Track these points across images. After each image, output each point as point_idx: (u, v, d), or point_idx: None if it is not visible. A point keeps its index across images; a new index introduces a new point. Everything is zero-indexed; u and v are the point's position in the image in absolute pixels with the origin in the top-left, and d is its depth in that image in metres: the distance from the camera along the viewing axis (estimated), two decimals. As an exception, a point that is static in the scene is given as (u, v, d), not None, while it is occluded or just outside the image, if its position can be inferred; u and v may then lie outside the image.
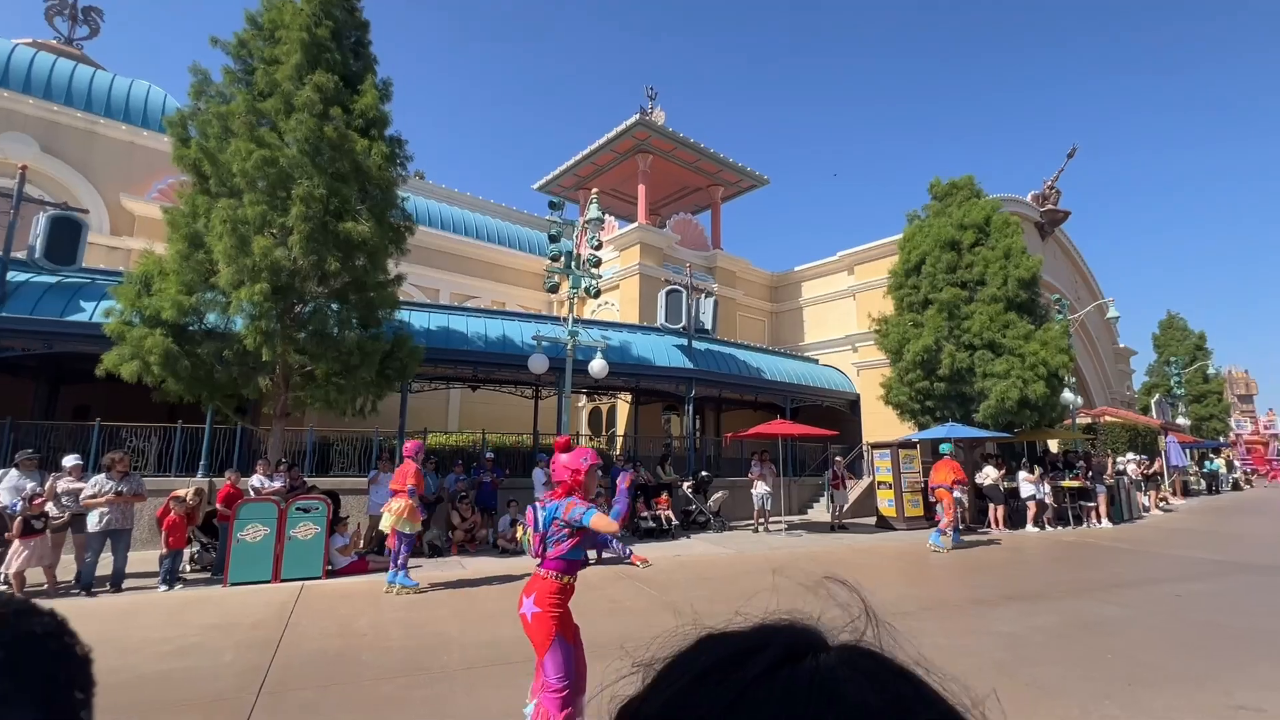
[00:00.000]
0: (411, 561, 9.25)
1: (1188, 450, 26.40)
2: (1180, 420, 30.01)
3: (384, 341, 9.74)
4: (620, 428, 21.06)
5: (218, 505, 8.67)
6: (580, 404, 23.58)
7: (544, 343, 12.33)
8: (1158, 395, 31.90)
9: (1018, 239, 15.59)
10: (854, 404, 20.38)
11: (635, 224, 21.47)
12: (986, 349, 14.73)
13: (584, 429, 23.11)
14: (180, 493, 8.31)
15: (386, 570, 8.57)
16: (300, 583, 7.90)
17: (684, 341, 16.10)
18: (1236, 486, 31.89)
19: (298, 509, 8.37)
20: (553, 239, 12.03)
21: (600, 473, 3.88)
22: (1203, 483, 28.13)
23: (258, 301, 8.19)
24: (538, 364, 11.84)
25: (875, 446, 15.68)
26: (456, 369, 14.20)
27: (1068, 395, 16.18)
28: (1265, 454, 46.75)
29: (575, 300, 12.64)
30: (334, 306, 9.41)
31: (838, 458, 15.26)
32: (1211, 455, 31.60)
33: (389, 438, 13.12)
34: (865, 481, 16.76)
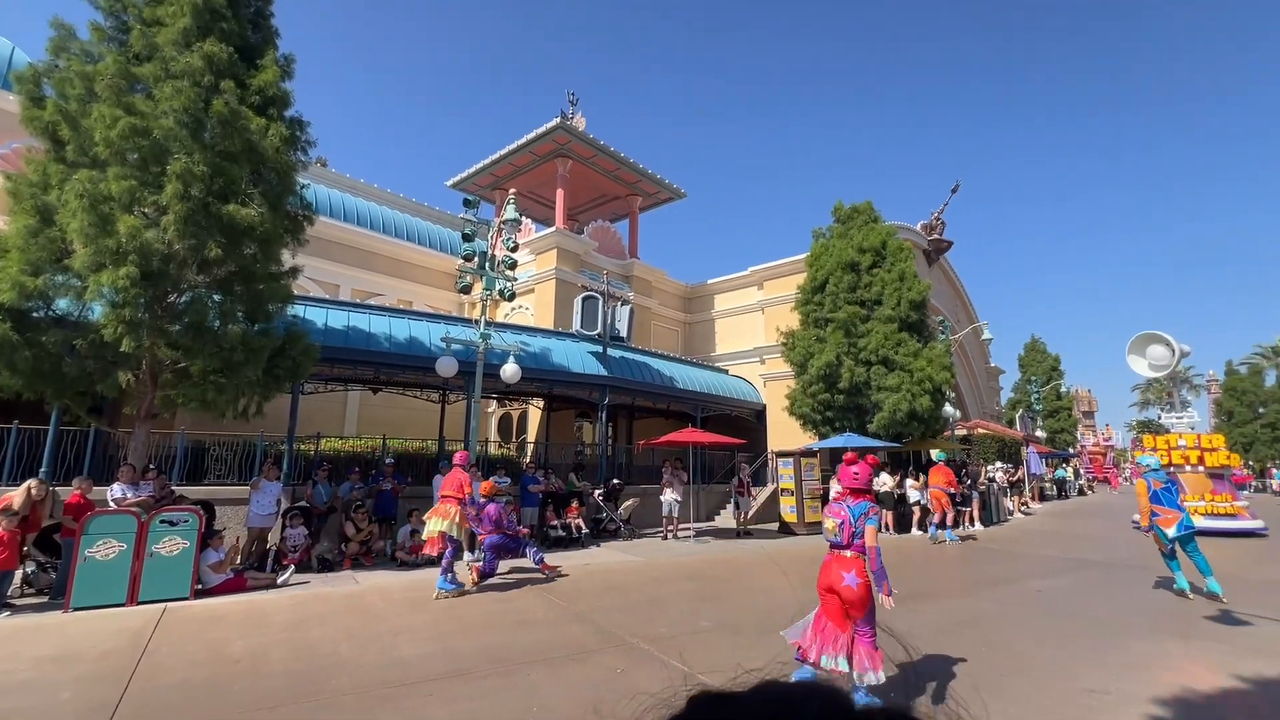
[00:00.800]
0: (297, 578, 8.54)
1: (1044, 460, 29.60)
2: (1039, 433, 33.61)
3: (274, 338, 8.95)
4: (531, 434, 20.63)
5: (61, 519, 7.57)
6: (490, 409, 22.90)
7: (454, 345, 11.85)
8: (1021, 410, 35.64)
9: (910, 264, 16.88)
10: (760, 414, 21.17)
11: (553, 228, 21.23)
12: (881, 365, 15.79)
13: (493, 435, 22.45)
14: (9, 499, 7.12)
15: (266, 588, 7.87)
16: (162, 605, 7.04)
17: (599, 349, 16.05)
18: (1081, 492, 36.10)
19: (162, 522, 7.47)
20: (466, 238, 11.61)
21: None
22: (1055, 488, 31.61)
23: (122, 287, 7.23)
24: (446, 366, 11.35)
25: (779, 455, 16.32)
26: (357, 370, 13.34)
27: (948, 409, 17.63)
28: (1103, 463, 53.42)
29: (488, 302, 12.27)
30: (216, 297, 8.54)
31: (744, 465, 15.74)
32: (1062, 464, 35.67)
33: (276, 442, 12.08)
34: (769, 489, 17.40)
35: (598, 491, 14.05)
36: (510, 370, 12.23)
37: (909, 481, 15.54)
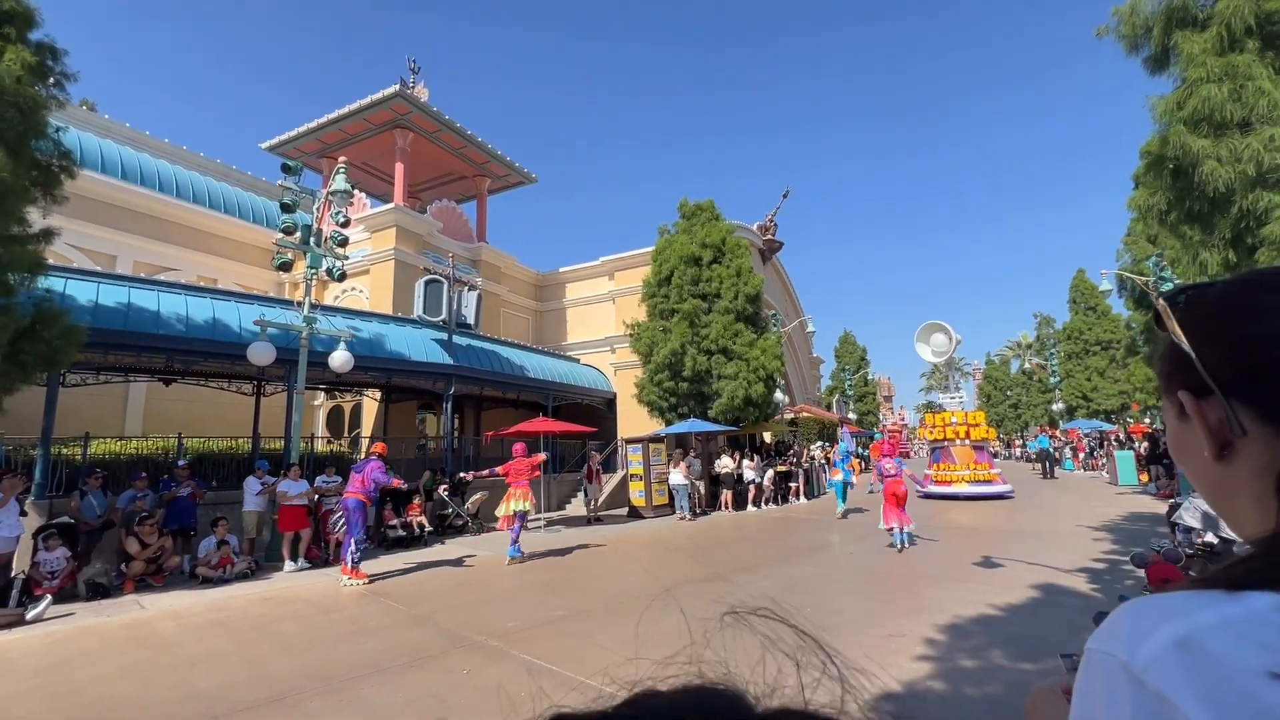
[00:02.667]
0: (57, 609, 7.02)
1: (855, 438, 33.77)
2: (851, 415, 38.26)
3: (17, 316, 7.19)
4: (367, 428, 19.00)
5: None
6: (317, 401, 20.72)
7: (271, 329, 10.46)
8: (837, 395, 40.30)
9: (747, 260, 18.15)
10: (611, 402, 21.53)
11: (391, 205, 19.63)
12: (721, 354, 16.83)
13: (321, 430, 20.33)
14: None
15: (9, 626, 6.47)
16: None
17: (444, 336, 15.19)
18: (863, 470, 41.80)
19: None
20: (286, 208, 10.28)
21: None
22: (863, 462, 36.25)
23: None
24: (260, 354, 9.99)
25: (629, 442, 16.75)
26: (141, 357, 11.24)
27: (779, 395, 19.32)
28: (898, 440, 62.81)
29: (313, 282, 11.01)
30: (-74, 263, 6.64)
31: (594, 453, 15.91)
32: (869, 442, 40.99)
33: (24, 446, 9.83)
34: (619, 475, 17.80)
35: (443, 487, 13.33)
36: (340, 358, 11.10)
37: (746, 462, 16.80)
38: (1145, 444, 20.01)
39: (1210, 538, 5.57)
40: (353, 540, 8.46)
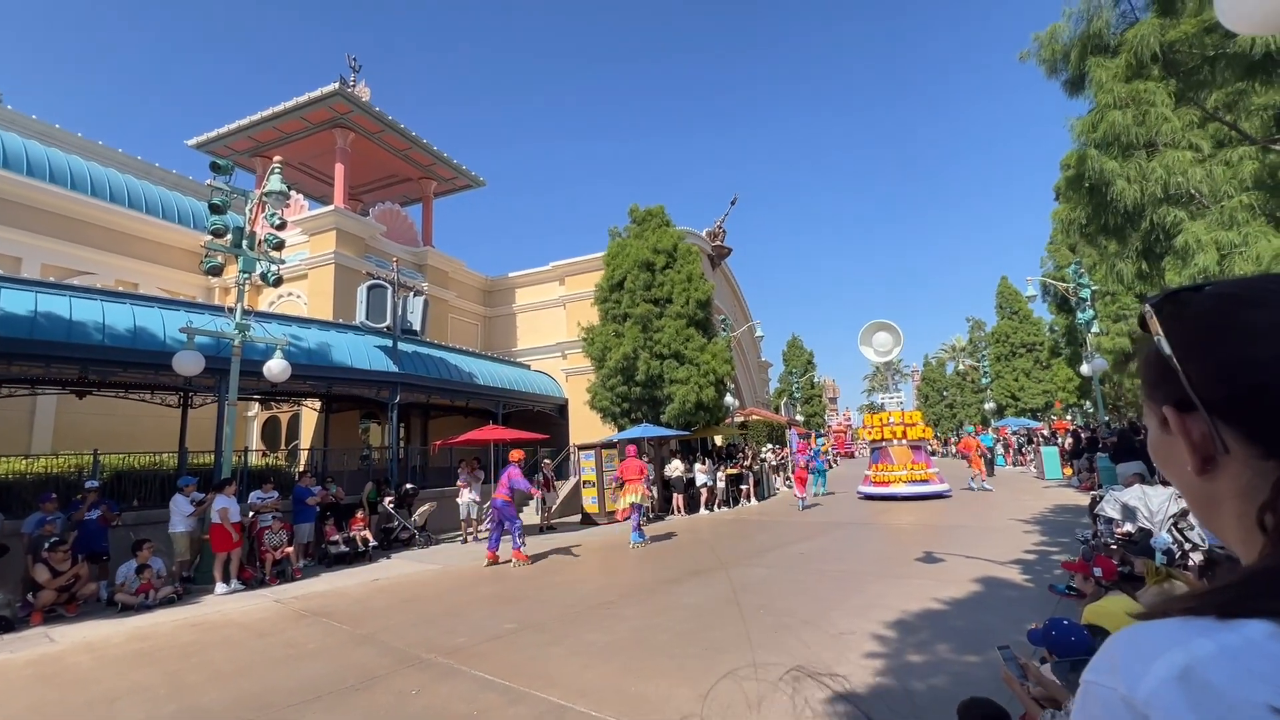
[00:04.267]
0: (-49, 647, 6.38)
1: (802, 440, 34.61)
2: (798, 417, 39.22)
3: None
4: (306, 439, 18.16)
5: None
6: (251, 412, 19.69)
7: (199, 337, 9.86)
8: (785, 398, 41.24)
9: (697, 265, 18.36)
10: (563, 408, 21.34)
11: (331, 207, 18.92)
12: (673, 359, 16.94)
13: (256, 443, 19.32)
14: None
15: None
16: None
17: (388, 343, 14.70)
18: (830, 464, 43.00)
19: None
20: (215, 209, 9.73)
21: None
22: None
23: None
24: (187, 363, 9.39)
25: (581, 448, 16.62)
26: (51, 368, 10.41)
27: (729, 398, 19.60)
28: (844, 440, 64.60)
29: (246, 287, 10.46)
30: None
31: (546, 460, 15.71)
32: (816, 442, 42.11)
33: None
34: (572, 481, 17.64)
35: (388, 499, 12.88)
36: (277, 367, 10.57)
37: (697, 465, 16.94)
38: (1069, 440, 21.27)
39: (1129, 528, 5.97)
40: (516, 531, 10.35)
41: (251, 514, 9.76)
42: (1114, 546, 5.36)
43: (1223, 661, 0.41)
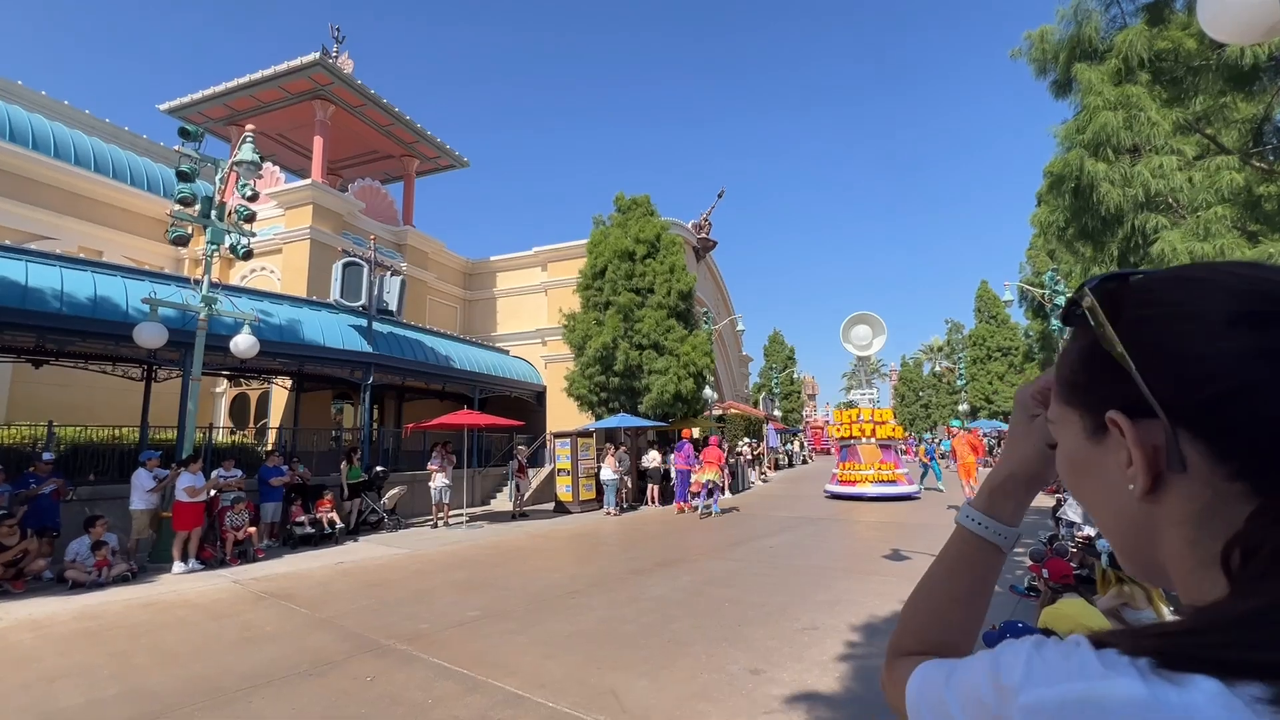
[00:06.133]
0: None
1: (780, 435, 34.88)
2: (776, 412, 39.47)
3: None
4: (276, 418, 17.78)
5: None
6: (220, 389, 19.23)
7: (164, 309, 9.54)
8: (764, 393, 41.49)
9: (680, 257, 18.26)
10: (541, 395, 21.17)
11: (308, 180, 18.42)
12: (652, 349, 16.87)
13: (224, 420, 18.89)
14: None
15: None
16: None
17: (363, 322, 14.40)
18: (805, 461, 43.45)
19: None
20: (183, 176, 9.39)
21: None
22: (786, 459, 37.52)
23: None
24: (149, 335, 9.09)
25: (557, 436, 16.51)
26: (3, 334, 9.99)
27: (708, 391, 19.62)
28: (822, 436, 65.21)
29: (214, 259, 10.14)
30: None
31: (520, 447, 15.58)
32: (792, 438, 42.47)
33: None
34: (547, 469, 17.54)
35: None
36: (245, 343, 10.27)
37: (673, 457, 16.94)
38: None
39: (1090, 531, 6.06)
40: (687, 491, 14.33)
41: (214, 493, 9.51)
42: (1074, 550, 5.43)
43: (1132, 713, 0.33)
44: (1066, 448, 0.50)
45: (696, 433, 17.09)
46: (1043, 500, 15.09)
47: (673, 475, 15.77)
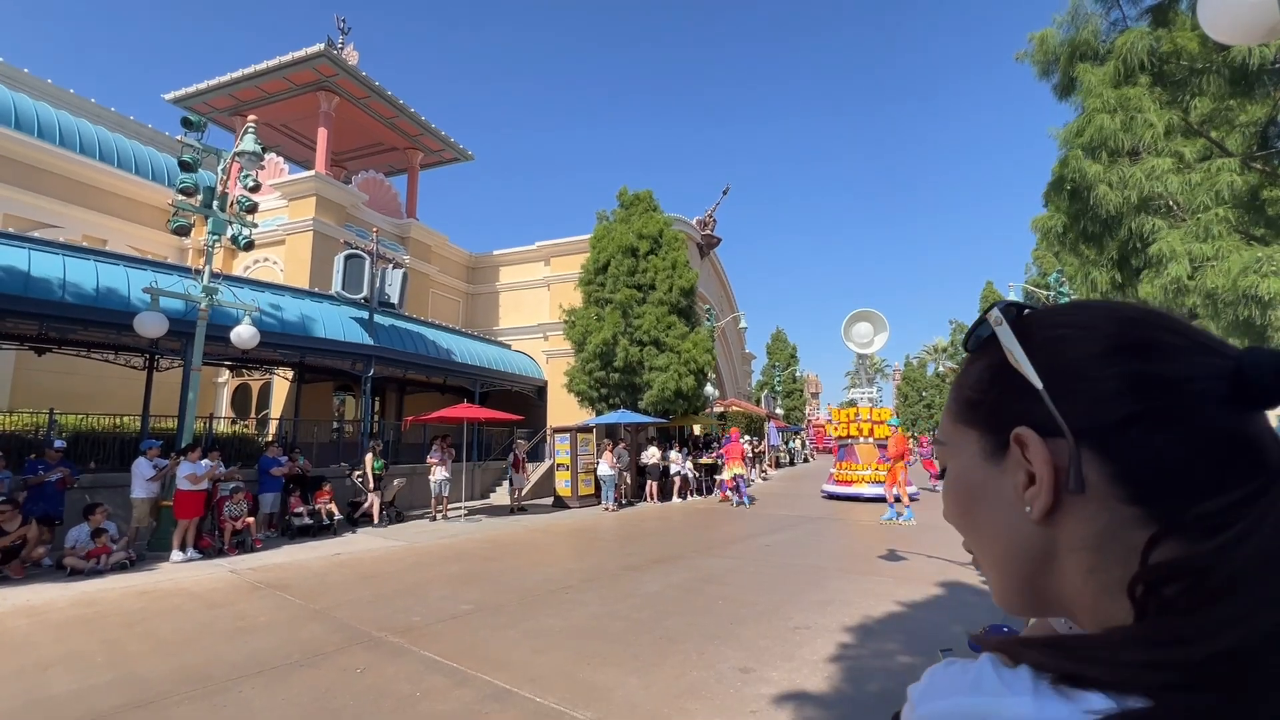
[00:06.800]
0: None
1: (781, 433, 34.85)
2: (778, 410, 39.44)
3: None
4: (276, 409, 17.85)
5: None
6: (222, 379, 19.31)
7: (165, 299, 9.57)
8: (766, 391, 41.43)
9: (683, 253, 18.22)
10: (542, 390, 21.19)
11: (312, 172, 18.43)
12: (653, 345, 16.86)
13: (225, 410, 18.97)
14: None
15: None
16: None
17: (365, 315, 14.43)
18: (806, 459, 43.43)
19: None
20: (185, 166, 9.41)
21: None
22: (788, 457, 37.50)
23: None
24: (150, 324, 9.12)
25: (557, 431, 16.53)
26: (6, 322, 10.04)
27: (710, 388, 19.61)
28: (824, 435, 65.23)
29: (216, 249, 10.17)
30: None
31: (520, 441, 15.61)
32: (794, 436, 42.44)
33: None
34: (546, 464, 17.57)
35: (357, 473, 12.71)
36: (246, 334, 10.31)
37: (672, 454, 16.95)
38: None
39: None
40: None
41: (212, 483, 9.55)
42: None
43: None
44: (960, 469, 0.49)
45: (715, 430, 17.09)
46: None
47: (723, 469, 16.00)
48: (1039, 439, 0.42)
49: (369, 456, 12.36)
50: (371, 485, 12.17)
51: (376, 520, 12.03)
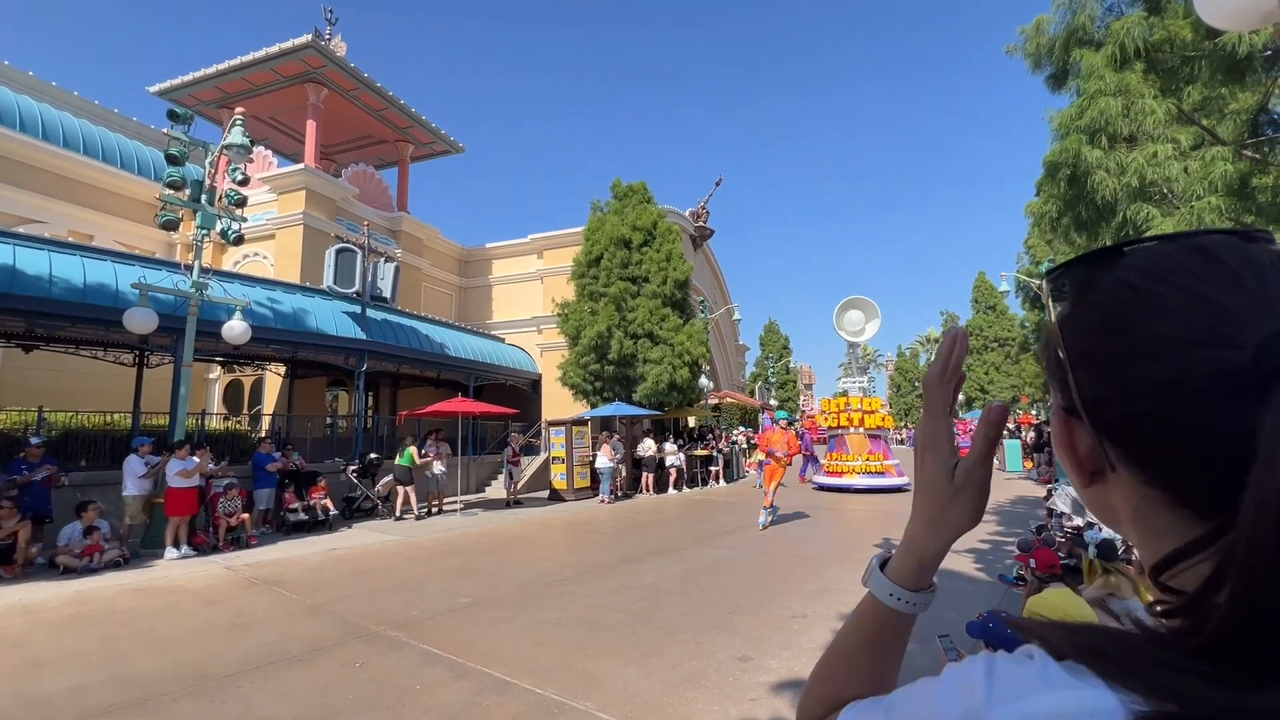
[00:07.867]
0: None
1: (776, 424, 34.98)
2: (772, 401, 39.58)
3: None
4: (269, 405, 17.74)
5: None
6: (213, 375, 19.17)
7: (154, 294, 9.46)
8: (759, 382, 41.58)
9: (677, 245, 18.18)
10: (536, 384, 21.16)
11: (301, 165, 18.24)
12: (647, 338, 16.84)
13: (217, 406, 18.84)
14: None
15: None
16: None
17: (357, 309, 14.33)
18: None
19: None
20: (172, 159, 9.28)
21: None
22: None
23: None
24: (139, 320, 9.02)
25: (551, 424, 16.51)
26: (-8, 320, 9.91)
27: (704, 380, 19.62)
28: (816, 427, 65.60)
29: (205, 244, 10.06)
30: None
31: (516, 435, 15.59)
32: (789, 427, 42.69)
33: None
34: (542, 457, 17.57)
35: (351, 468, 12.67)
36: (237, 329, 10.22)
37: (667, 445, 16.97)
38: (1031, 434, 21.81)
39: (1079, 521, 6.09)
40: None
41: (206, 479, 9.49)
42: (1062, 540, 5.46)
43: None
44: (1054, 428, 0.49)
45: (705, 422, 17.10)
46: (1033, 490, 15.21)
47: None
48: (1062, 421, 0.45)
49: (410, 448, 12.59)
50: (398, 479, 12.35)
51: (416, 513, 12.30)
